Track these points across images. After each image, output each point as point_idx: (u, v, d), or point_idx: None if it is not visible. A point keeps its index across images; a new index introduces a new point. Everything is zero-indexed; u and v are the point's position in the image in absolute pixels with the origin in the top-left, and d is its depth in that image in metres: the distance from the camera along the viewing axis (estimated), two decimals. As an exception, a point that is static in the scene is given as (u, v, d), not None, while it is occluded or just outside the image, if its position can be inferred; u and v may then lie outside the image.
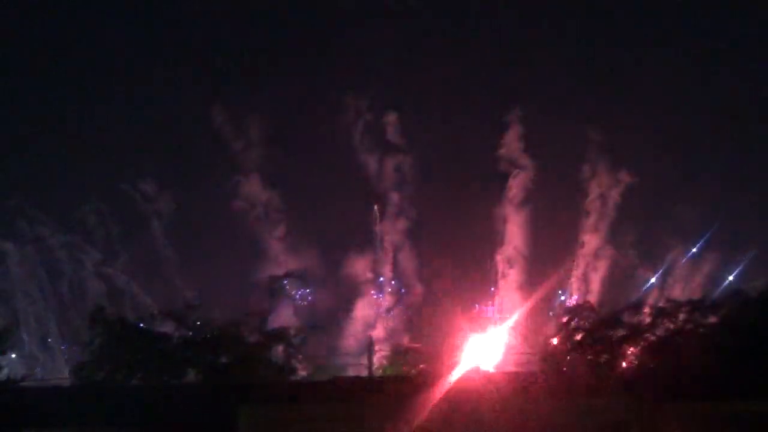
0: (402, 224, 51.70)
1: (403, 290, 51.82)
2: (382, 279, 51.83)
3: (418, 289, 51.17)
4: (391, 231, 51.96)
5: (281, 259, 50.43)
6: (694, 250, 48.32)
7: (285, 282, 47.83)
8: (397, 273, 51.89)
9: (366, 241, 51.89)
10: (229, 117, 51.54)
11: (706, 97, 52.79)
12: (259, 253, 50.57)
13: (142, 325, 46.34)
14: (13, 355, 47.55)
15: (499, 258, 51.53)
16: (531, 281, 50.71)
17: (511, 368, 46.68)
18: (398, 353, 47.11)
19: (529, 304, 49.31)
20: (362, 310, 50.79)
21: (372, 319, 50.64)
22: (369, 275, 51.59)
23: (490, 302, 50.58)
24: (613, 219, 50.43)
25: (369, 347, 48.46)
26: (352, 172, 51.94)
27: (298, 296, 49.42)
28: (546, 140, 51.24)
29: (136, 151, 54.24)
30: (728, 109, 52.53)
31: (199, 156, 53.60)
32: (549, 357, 43.42)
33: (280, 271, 48.65)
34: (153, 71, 56.19)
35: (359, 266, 51.33)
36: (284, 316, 48.15)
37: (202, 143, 53.43)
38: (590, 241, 50.39)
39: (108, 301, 50.59)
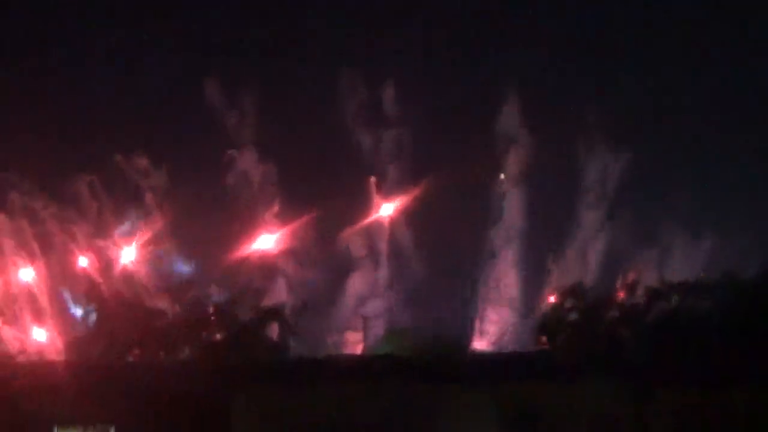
0: (399, 198, 52.49)
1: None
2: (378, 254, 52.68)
3: (415, 264, 52.03)
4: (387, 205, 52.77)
5: (276, 234, 51.37)
6: (692, 231, 49.31)
7: (280, 259, 49.14)
8: (394, 248, 52.67)
9: (362, 215, 52.75)
10: (223, 89, 52.27)
11: (707, 74, 53.60)
12: (254, 229, 51.53)
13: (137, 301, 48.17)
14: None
15: (495, 234, 52.39)
16: (528, 259, 51.96)
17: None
18: (394, 332, 48.64)
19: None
20: (358, 286, 51.73)
21: (368, 296, 51.59)
22: (365, 250, 52.38)
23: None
24: (610, 197, 51.52)
25: (365, 325, 49.95)
26: (347, 146, 52.67)
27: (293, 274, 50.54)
28: (544, 115, 52.11)
29: (128, 124, 54.95)
30: (729, 86, 53.41)
31: (192, 129, 54.34)
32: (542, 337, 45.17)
33: (275, 248, 49.85)
34: (145, 42, 56.86)
35: (355, 241, 52.21)
36: (279, 294, 49.51)
37: (195, 116, 54.10)
38: (587, 219, 51.41)
39: (101, 275, 51.95)
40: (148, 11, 57.19)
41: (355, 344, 49.35)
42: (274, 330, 46.40)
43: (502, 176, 52.18)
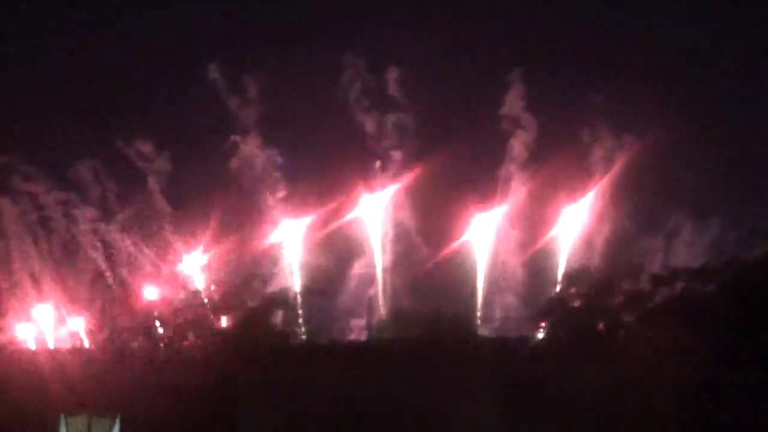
0: (403, 182, 52.66)
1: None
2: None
3: (420, 249, 52.25)
4: (392, 189, 52.94)
5: (281, 220, 51.57)
6: (696, 215, 49.60)
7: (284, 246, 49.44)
8: (398, 232, 52.89)
9: (366, 199, 52.84)
10: (227, 74, 52.40)
11: (715, 58, 53.65)
12: (259, 215, 51.82)
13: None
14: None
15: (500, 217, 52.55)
16: (531, 242, 52.20)
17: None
18: (398, 315, 48.96)
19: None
20: (361, 270, 52.00)
21: (371, 280, 51.91)
22: (368, 235, 52.60)
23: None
24: (615, 181, 51.61)
25: (368, 309, 50.34)
26: (352, 130, 52.84)
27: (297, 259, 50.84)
28: (549, 100, 52.30)
29: (131, 109, 55.25)
30: (735, 72, 53.52)
31: (196, 114, 54.60)
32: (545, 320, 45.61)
33: (279, 234, 50.07)
34: (149, 26, 57.06)
35: (358, 225, 52.41)
36: (284, 279, 49.88)
37: (198, 101, 54.31)
38: (592, 203, 51.56)
39: (105, 260, 52.24)
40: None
41: (359, 329, 49.75)
42: (279, 316, 46.88)
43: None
